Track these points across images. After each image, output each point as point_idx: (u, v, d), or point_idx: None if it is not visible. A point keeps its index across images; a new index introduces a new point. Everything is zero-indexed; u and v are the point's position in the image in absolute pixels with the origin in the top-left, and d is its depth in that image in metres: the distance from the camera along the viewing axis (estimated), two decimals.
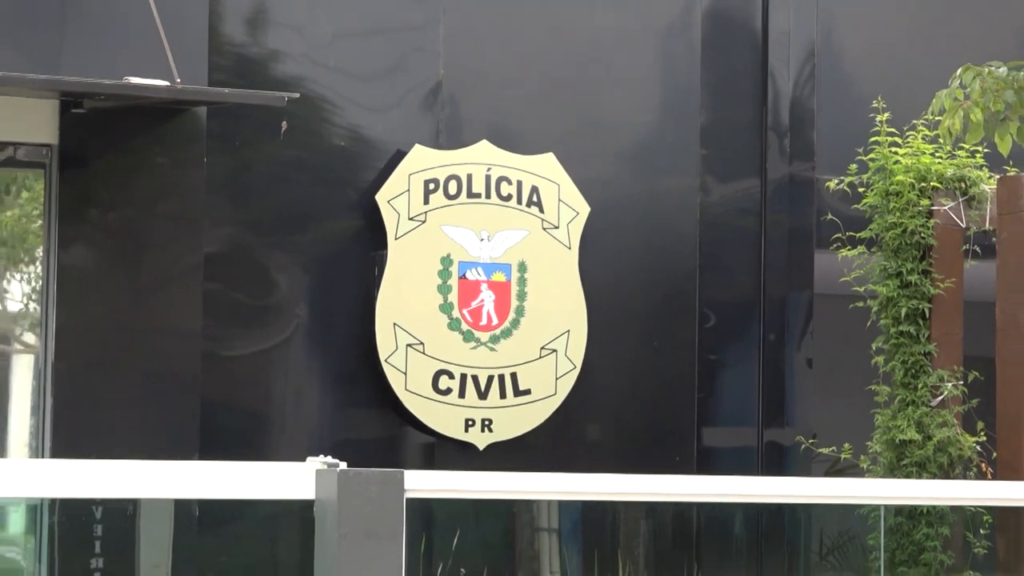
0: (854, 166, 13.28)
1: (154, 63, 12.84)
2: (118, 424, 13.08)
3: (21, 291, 13.87)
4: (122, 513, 13.06)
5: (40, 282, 13.48)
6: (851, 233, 13.26)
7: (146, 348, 13.30)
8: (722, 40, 14.95)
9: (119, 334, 13.31)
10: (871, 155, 12.96)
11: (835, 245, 13.49)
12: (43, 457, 13.13)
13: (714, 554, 14.24)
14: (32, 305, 13.63)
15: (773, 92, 14.90)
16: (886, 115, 12.97)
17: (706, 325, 14.68)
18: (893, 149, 12.85)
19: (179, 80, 12.80)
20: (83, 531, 13.05)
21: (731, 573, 14.12)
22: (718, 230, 14.76)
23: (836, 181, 13.44)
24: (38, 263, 13.55)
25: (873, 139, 12.96)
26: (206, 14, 13.45)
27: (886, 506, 11.97)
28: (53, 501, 12.75)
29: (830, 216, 13.71)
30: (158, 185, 13.44)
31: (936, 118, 11.70)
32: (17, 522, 13.54)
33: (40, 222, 13.49)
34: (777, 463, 14.44)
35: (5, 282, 13.90)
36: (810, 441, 13.95)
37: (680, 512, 13.99)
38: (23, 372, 13.76)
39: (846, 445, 13.19)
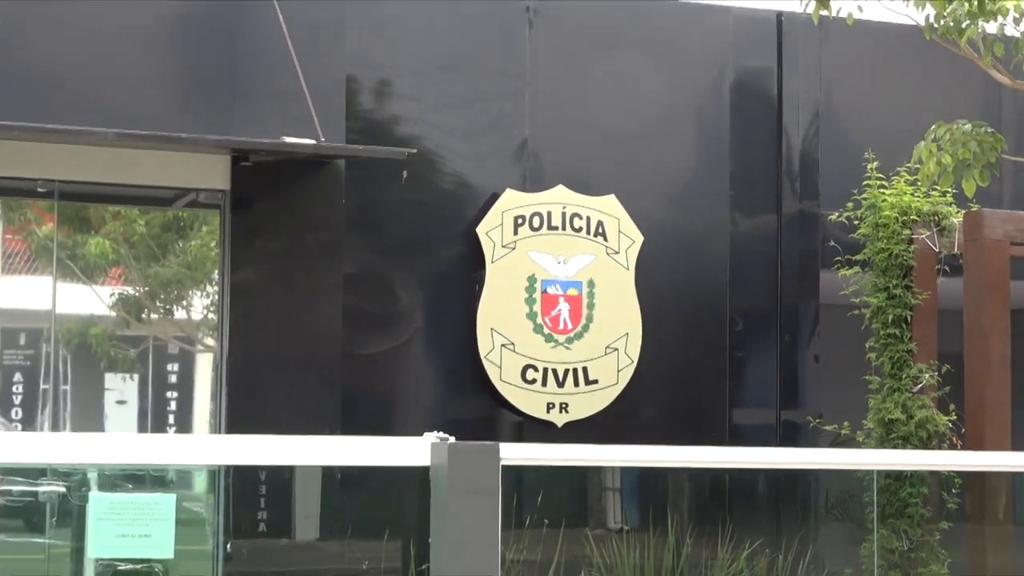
0: (851, 204, 13.54)
1: (304, 126, 13.10)
2: (277, 407, 13.36)
3: (203, 303, 14.15)
4: (281, 476, 13.41)
5: (217, 296, 13.78)
6: (848, 256, 13.54)
7: (298, 348, 13.61)
8: (746, 105, 15.18)
9: (277, 337, 13.62)
10: (864, 195, 13.26)
11: (836, 265, 13.81)
12: (220, 433, 13.43)
13: (742, 509, 14.31)
14: (211, 314, 13.92)
15: (786, 145, 15.15)
16: (875, 163, 13.23)
17: (735, 328, 14.96)
18: (881, 190, 13.13)
19: (323, 139, 13.11)
20: (251, 491, 13.38)
21: (756, 525, 14.05)
22: (744, 254, 15.03)
23: (836, 215, 13.74)
24: (215, 282, 13.82)
25: (865, 182, 13.26)
26: (343, 88, 13.75)
27: (877, 471, 12.04)
28: (228, 467, 13.12)
29: (832, 243, 13.98)
30: (307, 221, 13.76)
31: (916, 165, 12.05)
32: (201, 483, 13.33)
33: (217, 250, 13.77)
34: (791, 437, 14.64)
35: (190, 296, 14.23)
36: (817, 420, 14.10)
37: (715, 476, 14.15)
38: (204, 367, 14.03)
39: (845, 423, 13.49)
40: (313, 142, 13.12)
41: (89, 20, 13.26)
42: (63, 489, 13.24)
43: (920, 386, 13.09)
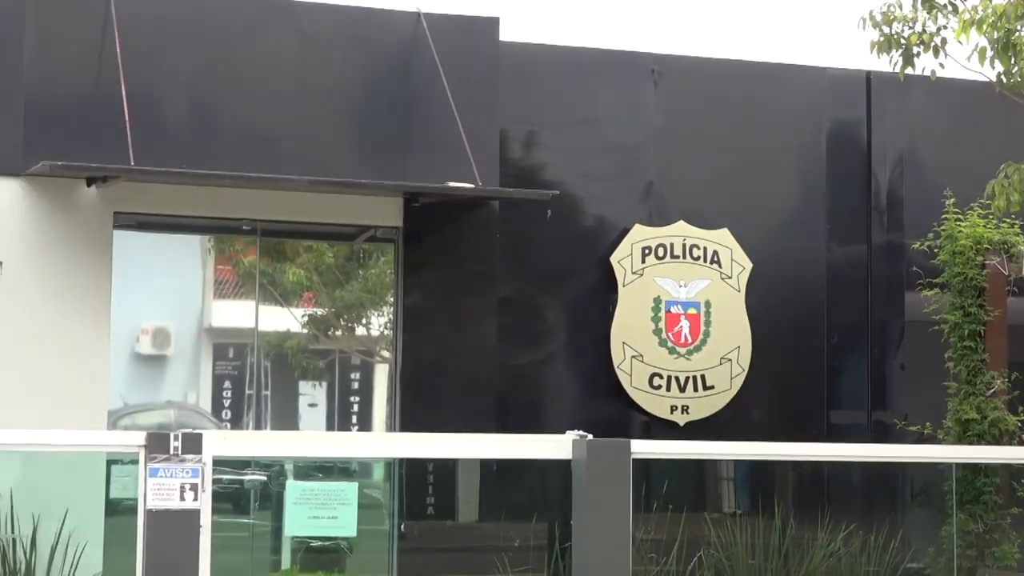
0: (931, 234, 13.45)
1: (464, 172, 13.22)
2: (442, 409, 13.34)
3: (380, 322, 14.14)
4: (446, 467, 13.52)
5: (392, 316, 13.85)
6: (929, 279, 13.48)
7: (460, 359, 13.68)
8: (840, 150, 15.07)
9: (442, 350, 13.64)
10: (943, 226, 13.20)
11: (918, 287, 13.73)
12: (395, 431, 13.56)
13: (839, 496, 14.20)
14: (386, 331, 13.96)
15: (875, 185, 15.03)
16: (952, 199, 13.19)
17: (831, 342, 14.84)
18: (958, 222, 13.07)
19: (480, 183, 13.20)
20: (421, 479, 13.54)
21: (850, 510, 13.86)
22: (838, 278, 14.90)
23: (919, 244, 13.73)
24: (390, 304, 13.88)
25: (944, 215, 13.20)
26: (497, 139, 13.79)
27: (956, 464, 12.21)
28: (402, 460, 12.94)
29: (915, 268, 13.96)
30: (467, 253, 13.81)
31: (987, 200, 11.95)
32: (379, 473, 13.66)
33: (391, 277, 13.85)
34: (880, 435, 14.49)
35: (370, 316, 14.25)
36: (903, 420, 13.95)
37: (815, 467, 14.08)
38: (381, 375, 14.07)
39: (927, 423, 13.42)
40: (472, 186, 13.20)
41: (284, 84, 13.41)
42: (264, 478, 13.47)
43: (992, 391, 13.03)
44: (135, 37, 12.88)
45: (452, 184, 13.17)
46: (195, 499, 8.24)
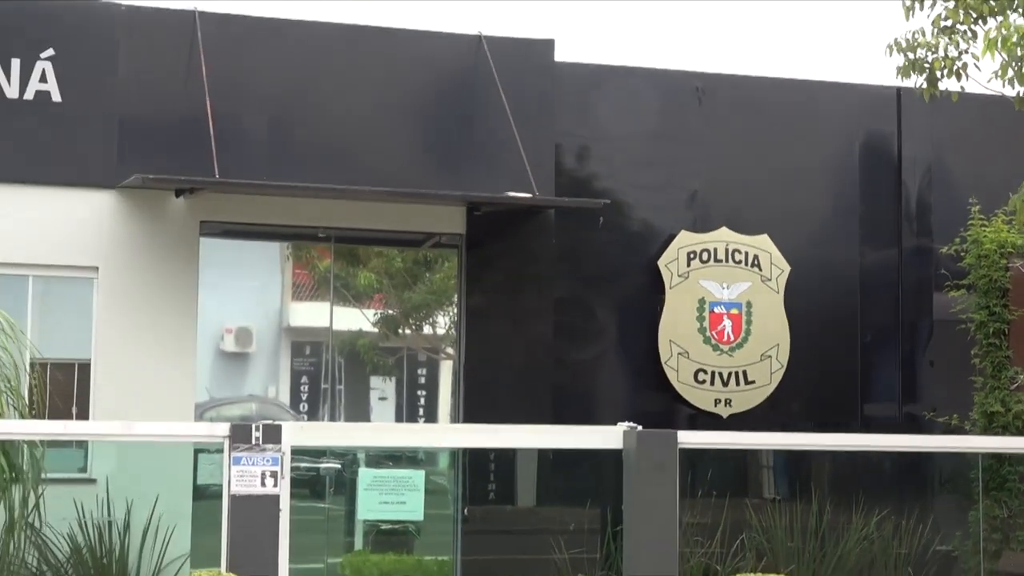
0: (958, 239, 13.49)
1: (522, 182, 13.26)
2: (502, 402, 13.34)
3: (444, 321, 14.16)
4: (506, 456, 13.55)
5: (455, 316, 13.88)
6: (956, 281, 13.51)
7: (519, 356, 13.65)
8: (872, 161, 14.96)
9: (502, 347, 13.65)
10: (969, 232, 13.23)
11: (946, 289, 13.78)
12: (459, 422, 13.58)
13: (871, 484, 14.05)
14: (451, 330, 14.01)
15: (905, 194, 14.91)
16: (978, 207, 13.22)
17: (864, 340, 14.74)
18: (983, 228, 13.10)
19: (537, 193, 13.22)
20: (483, 467, 13.58)
21: (883, 496, 13.80)
22: (871, 280, 14.79)
23: (946, 248, 13.75)
24: (454, 305, 13.89)
25: (970, 222, 13.21)
26: (553, 152, 13.77)
27: (982, 453, 12.31)
28: (465, 449, 13.03)
29: (943, 270, 13.99)
30: (525, 257, 13.81)
31: (1012, 210, 12.05)
32: (444, 461, 13.73)
33: (455, 280, 13.86)
34: (911, 427, 14.33)
35: (435, 316, 14.26)
36: (931, 413, 13.98)
37: (850, 456, 13.93)
38: (446, 371, 14.09)
39: (955, 415, 13.38)
40: (529, 195, 13.22)
41: (356, 102, 13.46)
42: (339, 465, 13.53)
43: (1016, 385, 13.01)
44: (219, 60, 12.98)
45: (511, 194, 13.19)
46: (275, 485, 8.30)
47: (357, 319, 14.09)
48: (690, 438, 9.35)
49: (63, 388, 12.70)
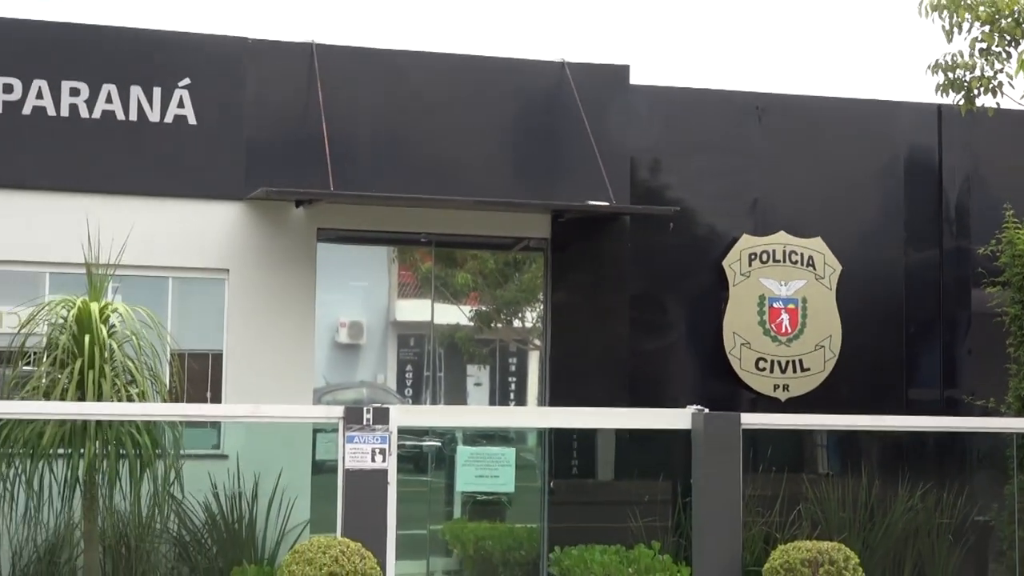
0: (994, 240, 13.27)
1: (600, 191, 13.25)
2: (584, 387, 13.25)
3: (532, 316, 14.10)
4: (587, 435, 13.50)
5: (542, 310, 13.85)
6: (993, 279, 13.32)
7: (598, 346, 13.58)
8: (915, 170, 14.82)
9: (583, 339, 13.59)
10: (1004, 234, 13.03)
11: (983, 285, 13.58)
12: (545, 406, 13.53)
13: (915, 460, 13.94)
14: (538, 324, 13.95)
15: (945, 200, 14.76)
16: (1011, 211, 13.05)
17: (909, 331, 14.62)
18: (1017, 230, 12.89)
19: (614, 201, 13.23)
20: (566, 445, 13.51)
21: (926, 471, 13.67)
22: (915, 278, 14.66)
23: (984, 248, 13.54)
24: (541, 301, 13.88)
25: (1005, 224, 13.01)
26: (628, 164, 13.71)
27: (1016, 433, 12.17)
28: (551, 429, 13.14)
29: (980, 269, 13.80)
30: (603, 259, 13.76)
31: None
32: (532, 440, 13.80)
33: (541, 279, 13.82)
34: (951, 410, 14.21)
35: (524, 311, 14.21)
36: (970, 397, 13.87)
37: (896, 436, 13.85)
38: (533, 361, 14.03)
39: (991, 399, 13.26)
40: (607, 203, 13.21)
41: (454, 121, 13.46)
42: (439, 444, 13.59)
43: None
44: (333, 86, 13.07)
45: (591, 202, 13.18)
46: (383, 461, 8.37)
47: (455, 314, 14.11)
48: (752, 419, 9.33)
49: (198, 375, 12.85)
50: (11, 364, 10.99)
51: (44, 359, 10.70)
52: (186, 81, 12.85)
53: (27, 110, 12.52)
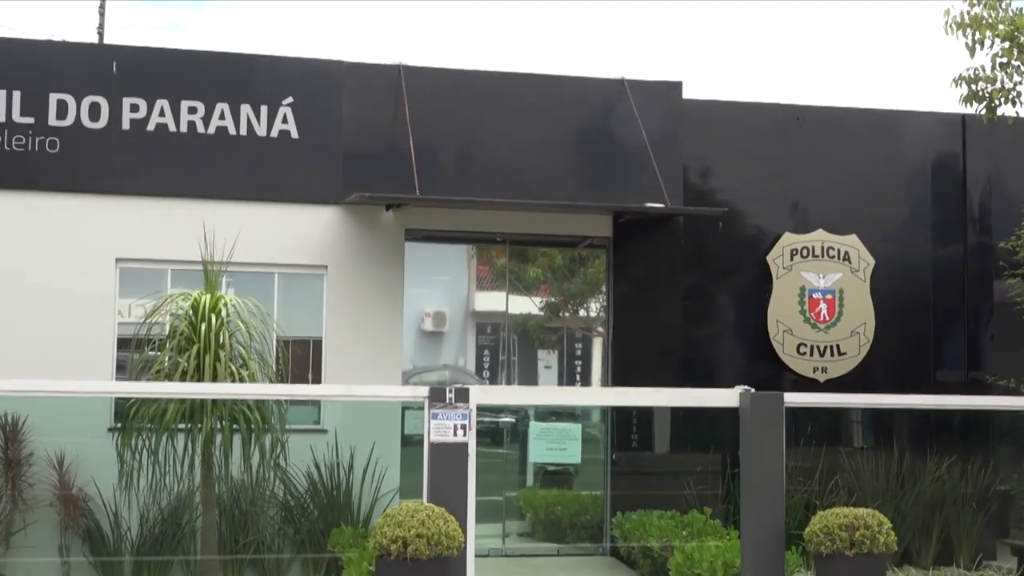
0: (1014, 236, 13.19)
1: (656, 194, 13.18)
2: (643, 370, 13.18)
3: (596, 306, 14.02)
4: (646, 412, 13.47)
5: (604, 301, 13.82)
6: (1013, 271, 13.27)
7: (654, 333, 13.52)
8: (942, 173, 14.63)
9: (642, 326, 13.54)
10: (1023, 231, 13.00)
11: (1004, 277, 13.57)
12: (608, 386, 13.46)
13: (943, 435, 13.83)
14: (601, 313, 13.90)
15: (969, 200, 14.55)
16: None
17: (937, 319, 14.45)
18: None
19: (669, 203, 13.16)
20: (626, 421, 13.50)
21: (952, 445, 13.63)
22: (942, 270, 14.48)
23: (1004, 243, 13.47)
24: (603, 293, 13.83)
25: (1023, 222, 12.96)
26: (681, 169, 13.62)
27: None
28: (613, 407, 13.25)
29: (1001, 262, 13.71)
30: (659, 255, 13.71)
31: None
32: (596, 416, 13.79)
33: (604, 274, 13.80)
34: (975, 390, 13.99)
35: (588, 302, 14.13)
36: (992, 378, 13.75)
37: (924, 413, 13.73)
38: (597, 346, 14.00)
39: (1012, 380, 13.16)
40: (663, 205, 13.15)
41: (526, 132, 13.45)
42: (513, 420, 13.65)
43: None
44: (418, 103, 13.12)
45: (648, 204, 13.13)
46: (464, 435, 8.39)
47: (527, 305, 14.14)
48: (794, 399, 9.22)
49: (301, 359, 12.93)
50: (138, 349, 11.17)
51: (166, 345, 10.85)
52: (289, 99, 12.96)
53: (151, 127, 12.69)
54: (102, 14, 25.31)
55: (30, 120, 12.42)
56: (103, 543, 11.92)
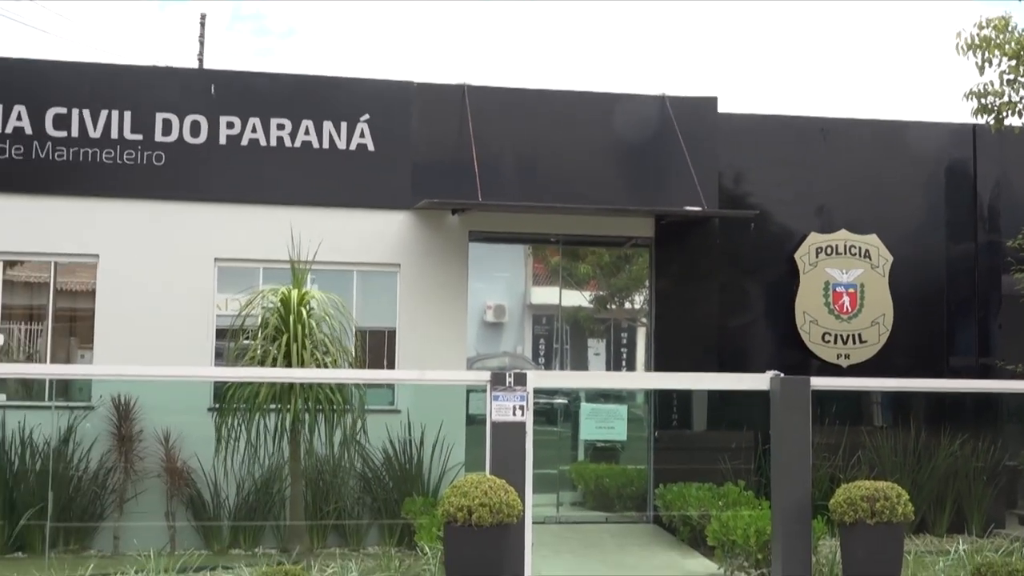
0: (1020, 235, 12.99)
1: (694, 198, 13.11)
2: (681, 357, 13.11)
3: (640, 299, 13.89)
4: (685, 394, 13.35)
5: (647, 295, 13.70)
6: (1020, 266, 13.11)
7: (692, 323, 13.43)
8: (954, 178, 14.42)
9: (681, 317, 13.44)
10: None
11: (1012, 272, 13.38)
12: (651, 371, 13.35)
13: (955, 414, 13.64)
14: (644, 305, 13.79)
15: (979, 202, 14.35)
16: None
17: (950, 310, 14.26)
18: None
19: (705, 207, 13.08)
20: (667, 402, 13.40)
21: (963, 424, 13.45)
22: (954, 266, 14.29)
23: (1012, 241, 13.25)
24: (646, 288, 13.72)
25: None
26: (716, 176, 13.47)
27: None
28: (655, 390, 13.11)
29: (1009, 258, 13.55)
30: (697, 253, 13.60)
31: None
32: (640, 398, 13.73)
33: (647, 270, 13.70)
34: (985, 374, 13.87)
35: (633, 295, 14.03)
36: (1001, 363, 13.56)
37: (938, 396, 13.58)
38: (640, 335, 13.90)
39: (1019, 364, 12.99)
40: (700, 208, 13.06)
41: (577, 144, 13.41)
42: (566, 401, 13.61)
43: None
44: (481, 118, 13.14)
45: (687, 208, 13.05)
46: (522, 415, 8.37)
47: (578, 298, 14.09)
48: (819, 382, 9.08)
49: (376, 348, 12.97)
50: (234, 339, 11.26)
51: (258, 335, 10.92)
52: (366, 116, 13.01)
53: (244, 142, 12.80)
54: (202, 43, 25.71)
55: (139, 137, 12.58)
56: (204, 509, 12.04)
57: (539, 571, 9.16)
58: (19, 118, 12.44)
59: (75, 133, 12.49)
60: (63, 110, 12.50)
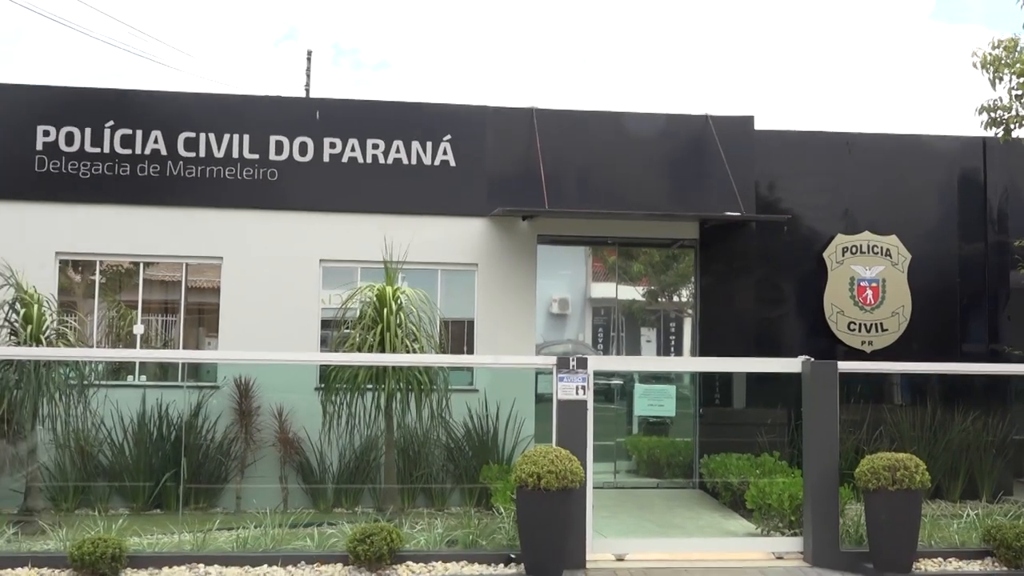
0: None
1: (733, 204, 12.99)
2: (723, 344, 13.02)
3: (686, 293, 13.77)
4: (726, 376, 13.19)
5: (693, 290, 13.59)
6: None
7: (732, 315, 13.25)
8: (966, 185, 14.10)
9: (723, 310, 13.32)
10: None
11: (1018, 268, 13.13)
12: (697, 356, 13.23)
13: (967, 394, 13.31)
14: (690, 298, 13.65)
15: (989, 206, 14.03)
16: None
17: (962, 303, 13.96)
18: None
19: (744, 212, 12.97)
20: (711, 383, 13.27)
21: (975, 403, 13.16)
22: (966, 264, 13.97)
23: (1019, 242, 12.96)
24: (692, 283, 13.60)
25: None
26: (753, 184, 13.31)
27: None
28: (700, 372, 12.98)
29: (1016, 256, 13.23)
30: (736, 253, 13.42)
31: None
32: (687, 379, 13.54)
33: (692, 268, 13.58)
34: (995, 359, 13.52)
35: (680, 290, 13.83)
36: (1009, 349, 13.32)
37: (952, 378, 13.21)
38: (687, 325, 13.70)
39: None
40: (739, 214, 12.94)
41: (629, 158, 13.31)
42: (621, 381, 13.56)
43: None
44: (547, 137, 13.12)
45: (727, 213, 12.95)
46: (584, 394, 8.39)
47: (632, 292, 14.01)
48: (846, 366, 9.02)
49: (457, 336, 13.04)
50: (336, 328, 11.39)
51: (357, 325, 11.03)
52: (448, 136, 13.07)
53: (344, 159, 12.94)
54: (308, 76, 26.11)
55: (256, 156, 12.78)
56: (312, 474, 12.22)
57: (599, 529, 9.17)
58: (156, 141, 12.71)
59: (202, 153, 12.73)
60: (192, 134, 12.74)
